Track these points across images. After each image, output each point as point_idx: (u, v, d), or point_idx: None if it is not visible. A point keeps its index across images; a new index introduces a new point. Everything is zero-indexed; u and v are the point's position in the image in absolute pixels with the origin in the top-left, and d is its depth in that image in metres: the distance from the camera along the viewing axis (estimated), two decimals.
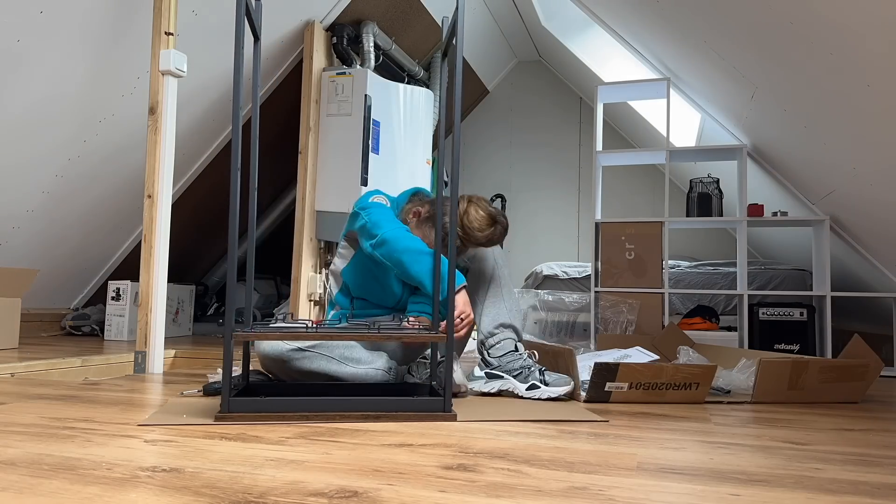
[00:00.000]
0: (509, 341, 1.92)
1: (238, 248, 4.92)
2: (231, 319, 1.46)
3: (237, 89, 1.45)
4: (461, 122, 5.91)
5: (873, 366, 1.90)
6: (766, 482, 1.03)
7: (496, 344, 1.92)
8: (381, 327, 1.57)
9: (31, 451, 1.12)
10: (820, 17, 2.00)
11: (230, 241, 1.48)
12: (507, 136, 5.73)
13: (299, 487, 0.94)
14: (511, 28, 5.07)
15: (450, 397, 1.50)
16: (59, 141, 2.94)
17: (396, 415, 1.47)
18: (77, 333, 3.65)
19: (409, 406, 1.49)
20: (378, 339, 1.74)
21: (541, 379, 1.82)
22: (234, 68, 1.44)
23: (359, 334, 1.55)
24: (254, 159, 1.73)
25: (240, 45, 1.44)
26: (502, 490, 0.95)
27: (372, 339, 1.56)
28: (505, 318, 1.94)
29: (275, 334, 1.55)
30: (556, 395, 1.79)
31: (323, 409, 1.46)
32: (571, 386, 1.81)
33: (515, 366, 1.86)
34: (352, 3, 3.61)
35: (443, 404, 1.49)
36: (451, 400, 1.50)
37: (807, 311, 3.27)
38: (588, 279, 4.20)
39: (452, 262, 1.56)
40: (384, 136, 3.62)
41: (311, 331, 1.54)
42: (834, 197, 2.97)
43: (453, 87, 1.52)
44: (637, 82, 3.59)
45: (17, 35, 2.44)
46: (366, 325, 1.65)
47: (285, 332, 1.54)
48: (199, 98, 3.42)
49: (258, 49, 1.72)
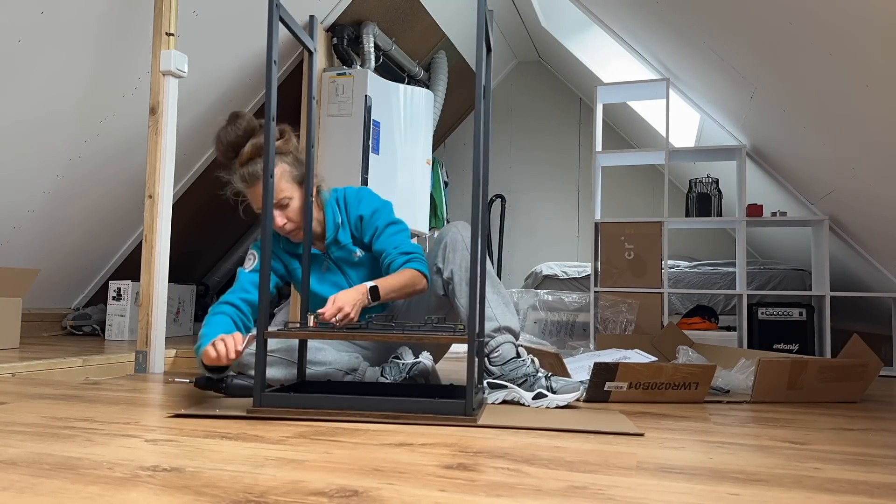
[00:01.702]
0: (509, 346, 1.79)
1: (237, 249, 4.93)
2: (264, 319, 1.49)
3: (269, 90, 1.45)
4: (460, 124, 5.92)
5: (872, 366, 1.91)
6: (766, 482, 1.04)
7: (495, 351, 1.79)
8: (405, 327, 1.57)
9: (32, 451, 1.12)
10: (819, 18, 2.01)
11: (264, 235, 1.48)
12: (506, 137, 5.74)
13: (300, 487, 0.94)
14: (511, 28, 5.07)
15: (471, 401, 1.42)
16: (60, 141, 2.94)
17: (420, 416, 1.43)
18: (78, 333, 3.65)
19: (432, 408, 1.44)
20: (395, 340, 1.69)
21: (547, 385, 1.71)
22: (267, 85, 1.45)
23: (381, 334, 1.54)
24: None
25: (271, 60, 1.44)
26: (502, 489, 0.95)
27: (387, 338, 1.55)
28: (499, 320, 1.82)
29: (301, 332, 1.57)
30: (566, 402, 1.68)
31: (348, 406, 1.47)
32: (581, 391, 1.72)
33: (519, 373, 1.75)
34: (352, 3, 3.62)
35: (464, 408, 1.43)
36: (472, 403, 1.43)
37: (806, 311, 3.28)
38: (587, 279, 4.20)
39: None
40: (384, 136, 3.62)
41: (335, 331, 1.55)
42: (833, 197, 2.97)
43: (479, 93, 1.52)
44: (636, 83, 3.59)
45: (18, 35, 2.44)
46: (387, 324, 1.65)
47: (312, 332, 1.55)
48: (200, 98, 3.43)
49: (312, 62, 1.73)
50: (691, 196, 3.63)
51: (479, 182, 1.47)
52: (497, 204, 5.56)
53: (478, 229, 1.49)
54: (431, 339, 1.51)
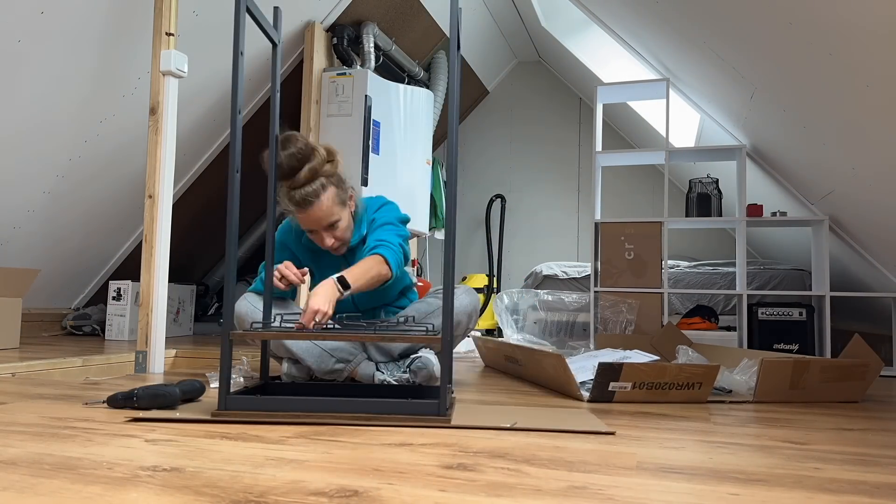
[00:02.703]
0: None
1: (239, 248, 4.92)
2: (229, 319, 1.47)
3: (235, 91, 1.45)
4: (460, 124, 5.91)
5: (873, 365, 1.91)
6: (766, 482, 1.03)
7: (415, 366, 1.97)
8: (377, 327, 1.58)
9: (32, 451, 1.12)
10: (819, 18, 2.01)
11: (228, 238, 1.48)
12: (506, 137, 5.74)
13: (300, 487, 0.94)
14: (511, 28, 5.07)
15: (445, 401, 1.44)
16: (60, 141, 2.94)
17: (389, 417, 1.42)
18: (78, 333, 3.65)
19: (403, 409, 1.44)
20: (372, 340, 1.71)
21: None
22: (233, 76, 1.45)
23: (353, 334, 1.56)
24: (272, 163, 1.73)
25: (238, 51, 1.44)
26: (502, 489, 0.95)
27: (365, 339, 1.55)
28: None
29: (271, 333, 1.55)
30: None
31: (317, 409, 1.45)
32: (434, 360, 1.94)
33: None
34: (352, 3, 3.62)
35: (437, 408, 1.43)
36: (446, 404, 1.44)
37: (806, 311, 3.27)
38: (587, 279, 4.20)
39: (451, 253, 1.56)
40: (384, 136, 3.62)
41: (307, 331, 1.56)
42: (833, 197, 2.97)
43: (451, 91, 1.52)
44: (636, 83, 3.59)
45: (18, 35, 2.44)
46: (362, 324, 1.67)
47: (281, 332, 1.55)
48: (200, 98, 3.43)
49: (276, 53, 1.73)
50: (691, 196, 3.63)
51: (453, 199, 1.47)
52: (497, 204, 5.56)
53: (453, 223, 1.49)
54: (403, 339, 1.52)
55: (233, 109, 1.45)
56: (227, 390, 1.44)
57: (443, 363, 1.47)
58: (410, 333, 1.59)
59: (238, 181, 1.48)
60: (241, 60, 1.46)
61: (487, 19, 4.80)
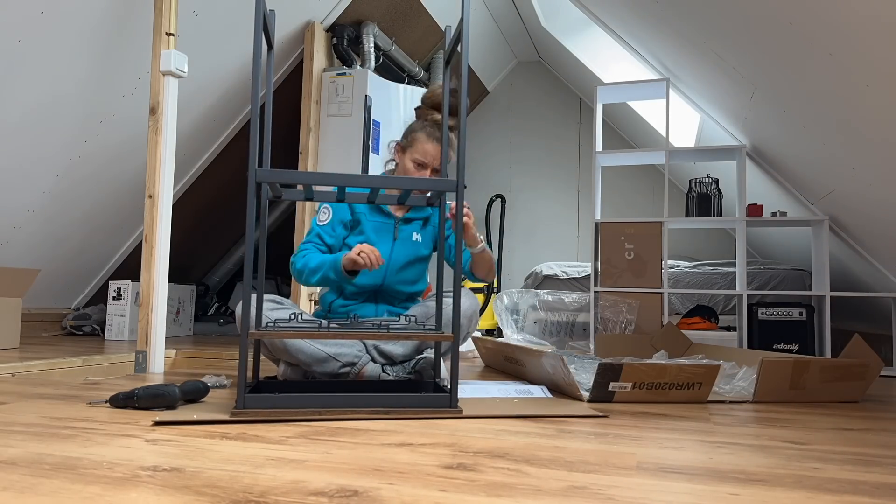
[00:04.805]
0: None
1: (238, 248, 4.93)
2: (248, 320, 1.48)
3: (255, 89, 1.45)
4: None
5: (873, 365, 1.91)
6: (766, 482, 1.04)
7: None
8: (390, 327, 1.61)
9: (32, 451, 1.12)
10: (819, 18, 2.01)
11: (247, 236, 1.48)
12: (506, 137, 5.74)
13: (300, 487, 0.94)
14: (511, 29, 5.07)
15: (455, 393, 1.51)
16: (60, 141, 2.94)
17: (405, 410, 1.49)
18: (78, 333, 3.65)
19: (417, 402, 1.51)
20: (386, 339, 1.74)
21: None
22: (253, 78, 1.45)
23: (365, 332, 1.57)
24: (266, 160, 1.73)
25: (258, 55, 1.44)
26: (502, 489, 0.95)
27: (377, 337, 1.57)
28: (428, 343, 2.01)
29: (288, 332, 1.56)
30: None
31: (335, 405, 1.49)
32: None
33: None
34: (352, 3, 3.62)
35: (449, 400, 1.51)
36: (457, 396, 1.52)
37: (806, 311, 3.27)
38: (587, 279, 4.20)
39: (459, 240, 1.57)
40: (384, 136, 3.62)
41: (324, 330, 1.57)
42: (833, 197, 2.97)
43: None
44: (636, 83, 3.59)
45: (18, 35, 2.44)
46: (372, 323, 1.70)
47: (298, 331, 1.56)
48: (200, 98, 3.43)
49: (271, 57, 1.73)
50: (691, 196, 3.63)
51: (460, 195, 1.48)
52: (497, 204, 5.56)
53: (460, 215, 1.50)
54: (417, 336, 1.56)
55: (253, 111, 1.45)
56: (244, 389, 1.46)
57: (452, 358, 1.53)
58: (422, 332, 1.63)
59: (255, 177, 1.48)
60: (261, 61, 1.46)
61: (487, 19, 4.80)
